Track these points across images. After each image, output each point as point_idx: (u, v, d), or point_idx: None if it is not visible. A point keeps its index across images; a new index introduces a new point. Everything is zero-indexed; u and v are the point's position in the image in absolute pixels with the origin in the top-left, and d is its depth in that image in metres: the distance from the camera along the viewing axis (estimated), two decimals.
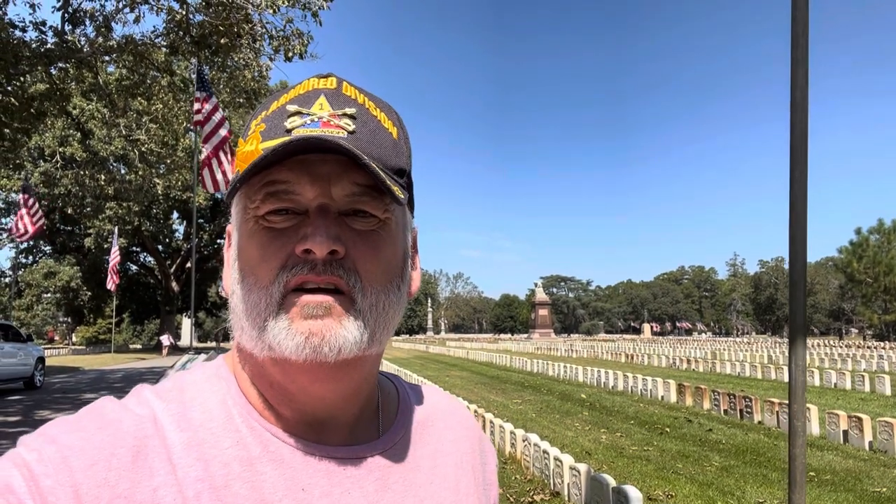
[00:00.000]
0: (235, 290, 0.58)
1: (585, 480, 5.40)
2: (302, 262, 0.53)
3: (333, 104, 0.57)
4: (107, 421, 0.53)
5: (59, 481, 0.48)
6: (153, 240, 46.89)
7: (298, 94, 0.58)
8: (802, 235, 2.15)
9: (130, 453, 0.51)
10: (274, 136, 0.55)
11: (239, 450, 0.55)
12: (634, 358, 27.69)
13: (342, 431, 0.61)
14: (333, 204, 0.55)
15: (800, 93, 2.09)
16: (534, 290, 71.99)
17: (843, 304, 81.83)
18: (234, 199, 0.60)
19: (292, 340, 0.53)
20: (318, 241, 0.52)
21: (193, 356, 9.89)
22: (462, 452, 0.70)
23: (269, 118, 0.57)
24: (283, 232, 0.55)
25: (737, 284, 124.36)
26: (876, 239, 52.43)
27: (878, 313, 53.13)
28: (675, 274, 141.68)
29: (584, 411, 11.77)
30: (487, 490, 0.73)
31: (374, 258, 0.56)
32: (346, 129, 0.55)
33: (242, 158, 0.57)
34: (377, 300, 0.56)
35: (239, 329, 0.58)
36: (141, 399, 0.58)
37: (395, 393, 0.72)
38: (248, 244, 0.56)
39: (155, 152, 17.54)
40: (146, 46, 12.53)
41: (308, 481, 0.56)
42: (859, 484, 6.51)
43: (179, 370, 8.83)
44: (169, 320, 49.62)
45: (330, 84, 0.59)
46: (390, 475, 0.61)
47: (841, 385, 15.77)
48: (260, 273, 0.55)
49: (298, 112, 0.56)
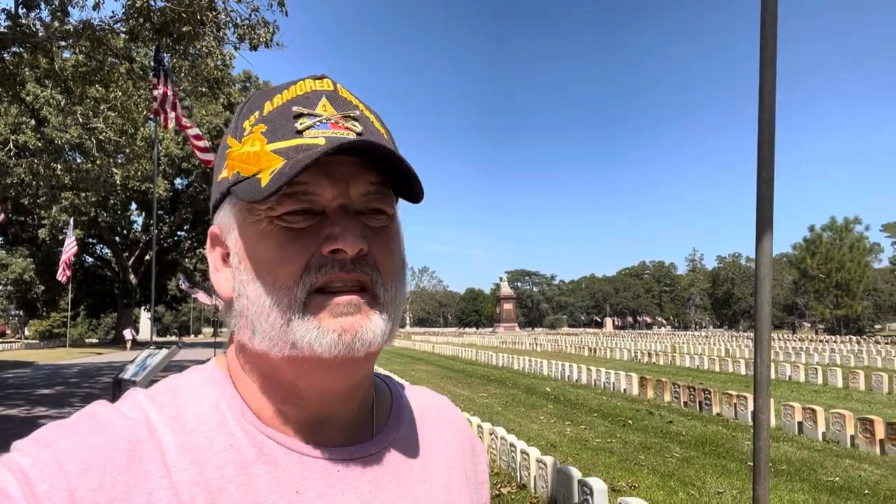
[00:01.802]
0: (244, 293, 0.57)
1: (552, 473, 5.48)
2: (330, 262, 0.54)
3: (336, 106, 0.58)
4: (101, 425, 0.53)
5: (54, 485, 0.47)
6: (110, 231, 45.63)
7: (297, 94, 0.58)
8: (768, 236, 2.21)
9: (125, 457, 0.51)
10: (282, 137, 0.55)
11: (233, 453, 0.55)
12: (597, 351, 28.16)
13: (338, 432, 0.62)
14: (352, 204, 0.56)
15: (768, 95, 2.14)
16: (499, 284, 72.55)
17: (796, 299, 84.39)
18: (225, 201, 0.60)
19: (325, 338, 0.53)
20: (350, 241, 0.53)
21: (155, 351, 9.66)
22: (454, 452, 0.71)
23: (269, 118, 0.57)
24: (303, 232, 0.55)
25: (695, 279, 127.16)
26: (829, 236, 54.31)
27: (830, 308, 55.01)
28: (636, 269, 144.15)
29: (548, 404, 11.92)
30: (479, 489, 0.73)
31: (389, 253, 0.59)
32: (353, 131, 0.57)
33: (242, 159, 0.56)
34: (396, 293, 0.58)
35: (248, 331, 0.57)
36: (134, 403, 0.57)
37: (388, 393, 0.72)
38: (262, 244, 0.56)
39: (113, 141, 17.04)
40: (104, 32, 12.13)
41: (302, 483, 0.56)
42: (814, 474, 6.74)
43: (140, 364, 8.54)
44: (127, 314, 48.44)
45: (327, 86, 0.59)
46: (384, 475, 0.62)
47: (795, 378, 16.31)
48: (280, 274, 0.55)
49: (305, 113, 0.56)
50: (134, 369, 9.61)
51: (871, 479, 6.54)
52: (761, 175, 2.24)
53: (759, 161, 2.23)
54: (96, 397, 13.20)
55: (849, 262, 52.26)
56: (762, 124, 2.19)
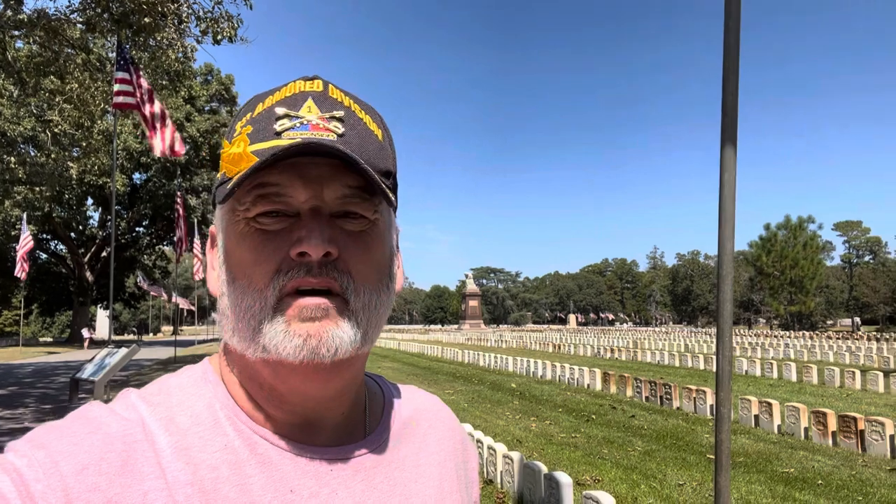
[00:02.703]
0: (225, 293, 0.58)
1: (518, 468, 5.54)
2: (297, 266, 0.54)
3: (321, 107, 0.57)
4: (95, 426, 0.53)
5: (49, 486, 0.47)
6: (65, 227, 44.24)
7: (285, 96, 0.58)
8: (730, 235, 2.28)
9: (120, 458, 0.51)
10: (263, 138, 0.55)
11: (227, 453, 0.56)
12: (561, 347, 28.49)
13: (330, 432, 0.62)
14: (325, 206, 0.56)
15: (730, 100, 2.21)
16: (465, 281, 72.64)
17: (752, 296, 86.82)
18: (218, 199, 0.60)
19: (290, 343, 0.53)
20: (314, 244, 0.53)
21: (113, 350, 9.43)
22: (445, 451, 0.72)
23: (256, 120, 0.57)
24: (276, 234, 0.55)
25: (656, 276, 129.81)
26: (783, 234, 55.93)
27: (784, 304, 56.67)
28: (599, 266, 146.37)
29: (514, 400, 12.03)
30: (469, 488, 0.74)
31: (365, 259, 0.57)
32: (335, 133, 0.56)
33: (229, 160, 0.56)
34: (369, 300, 0.57)
35: (229, 331, 0.57)
36: (128, 404, 0.58)
37: (380, 393, 0.73)
38: (239, 246, 0.56)
39: (69, 134, 16.54)
40: (60, 22, 11.76)
41: (296, 482, 0.57)
42: (769, 465, 6.96)
43: (98, 364, 8.31)
44: (83, 312, 47.02)
45: (316, 87, 0.59)
46: (376, 475, 0.62)
47: (751, 372, 16.78)
48: (254, 275, 0.55)
49: (287, 115, 0.56)
50: (92, 369, 9.37)
51: (824, 469, 6.79)
52: (723, 177, 2.30)
53: (721, 164, 2.29)
54: (52, 398, 12.85)
55: (802, 260, 53.93)
56: (725, 128, 2.25)
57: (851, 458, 7.31)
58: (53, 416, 10.35)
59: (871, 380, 13.38)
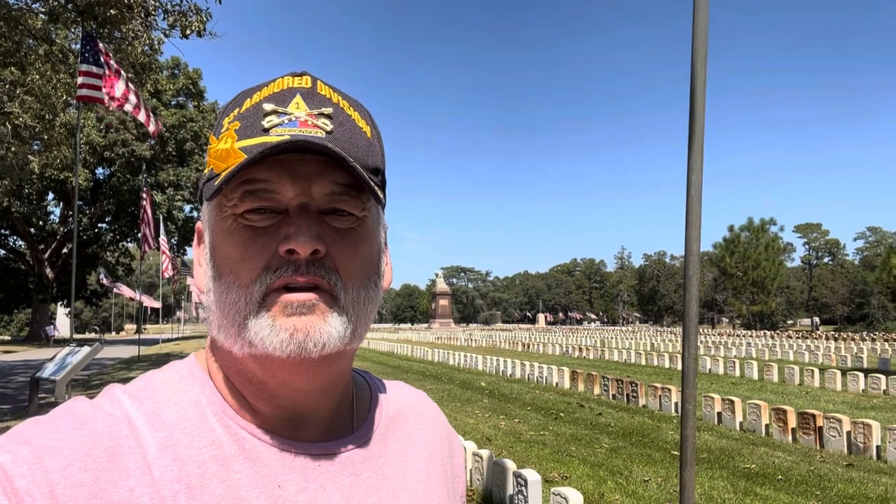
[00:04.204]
0: (211, 289, 0.58)
1: (487, 466, 5.58)
2: (286, 264, 0.54)
3: (310, 103, 0.57)
4: (81, 421, 0.53)
5: (34, 482, 0.47)
6: (25, 222, 42.94)
7: (272, 91, 0.58)
8: (697, 237, 2.34)
9: (106, 454, 0.51)
10: (250, 134, 0.55)
11: (214, 449, 0.56)
12: (530, 346, 28.70)
13: (318, 427, 0.62)
14: (313, 203, 0.56)
15: (698, 105, 2.27)
16: (435, 280, 72.67)
17: (715, 296, 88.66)
18: (205, 196, 0.60)
19: (276, 337, 0.53)
20: (302, 241, 0.53)
21: (75, 349, 9.21)
22: (432, 446, 0.73)
23: (243, 116, 0.57)
24: (263, 231, 0.55)
25: (623, 276, 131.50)
26: (746, 236, 57.19)
27: (747, 304, 57.94)
28: (568, 266, 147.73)
29: (484, 399, 12.09)
30: (455, 482, 0.75)
31: (353, 256, 0.58)
32: (324, 129, 0.56)
33: (216, 156, 0.56)
34: (358, 296, 0.58)
35: (216, 326, 0.58)
36: (114, 399, 0.57)
37: (367, 388, 0.73)
38: (226, 242, 0.56)
39: (29, 127, 16.06)
40: (21, 12, 11.43)
41: (284, 478, 0.57)
42: (732, 461, 7.14)
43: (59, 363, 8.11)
44: (42, 309, 45.70)
45: (305, 83, 0.59)
46: (364, 470, 0.63)
47: (714, 370, 17.14)
48: (240, 272, 0.55)
49: (275, 111, 0.56)
50: (53, 368, 9.14)
51: (784, 465, 6.99)
52: (690, 179, 2.36)
53: (688, 167, 2.35)
54: (10, 398, 12.49)
55: (764, 261, 55.21)
56: (692, 132, 2.31)
57: (810, 453, 7.54)
58: (11, 416, 10.06)
59: (829, 378, 13.79)
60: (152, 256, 70.80)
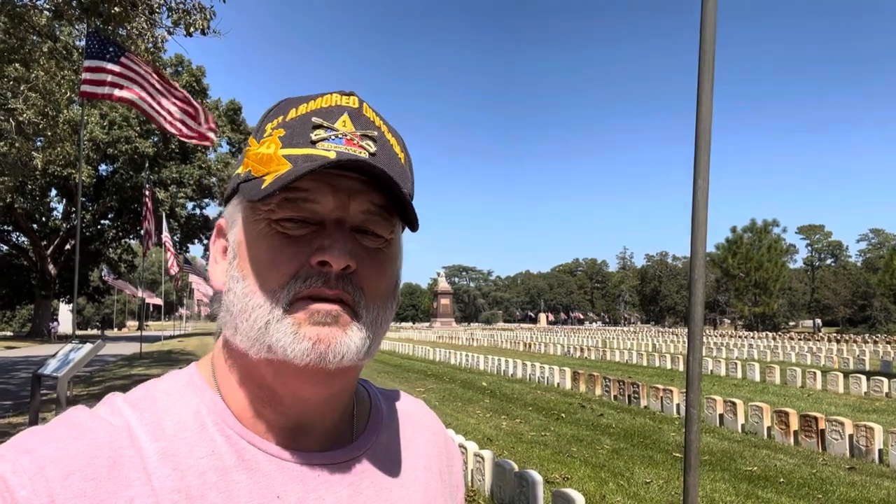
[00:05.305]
0: (233, 289, 0.58)
1: (489, 466, 5.57)
2: (316, 274, 0.55)
3: (356, 124, 0.59)
4: (81, 431, 0.53)
5: (35, 492, 0.47)
6: (28, 218, 43.04)
7: (321, 106, 0.59)
8: (703, 240, 2.33)
9: (106, 463, 0.51)
10: (296, 144, 0.57)
11: (214, 459, 0.56)
12: (532, 346, 28.69)
13: (319, 437, 0.63)
14: (349, 219, 0.57)
15: (705, 108, 2.25)
16: (436, 279, 72.66)
17: (718, 297, 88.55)
18: (234, 196, 0.61)
19: (299, 345, 0.54)
20: (337, 255, 0.54)
21: (78, 345, 9.21)
22: (430, 456, 0.73)
23: (289, 125, 0.58)
24: (297, 240, 0.56)
25: (625, 276, 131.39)
26: (749, 237, 57.15)
27: (749, 305, 57.89)
28: (570, 266, 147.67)
29: (485, 399, 12.08)
30: (453, 492, 0.75)
31: (379, 276, 0.59)
32: (367, 150, 0.58)
33: (257, 160, 0.57)
34: (377, 316, 0.59)
35: (232, 328, 0.58)
36: (114, 409, 0.57)
37: (367, 397, 0.73)
38: (257, 245, 0.57)
39: (33, 123, 16.08)
40: (25, 8, 11.43)
41: (283, 488, 0.57)
42: (733, 463, 7.12)
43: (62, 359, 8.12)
44: (44, 305, 45.84)
45: (353, 103, 0.60)
46: (363, 480, 0.63)
47: (716, 372, 17.12)
48: (269, 277, 0.56)
49: (322, 125, 0.57)
50: (55, 364, 9.13)
51: (785, 468, 6.97)
52: (697, 182, 2.35)
53: (695, 170, 2.34)
54: (12, 394, 12.51)
55: (766, 262, 55.16)
56: (699, 136, 2.30)
57: (812, 456, 7.52)
58: (14, 413, 10.08)
59: (831, 380, 13.76)
60: (155, 253, 70.66)
